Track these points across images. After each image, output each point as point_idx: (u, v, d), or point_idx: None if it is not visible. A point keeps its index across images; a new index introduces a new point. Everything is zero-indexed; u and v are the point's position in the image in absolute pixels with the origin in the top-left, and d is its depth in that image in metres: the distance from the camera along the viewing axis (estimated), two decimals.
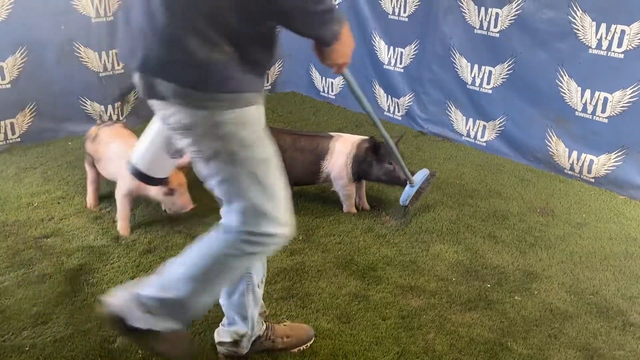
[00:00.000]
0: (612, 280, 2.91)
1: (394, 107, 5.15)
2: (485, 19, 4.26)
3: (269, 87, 5.96)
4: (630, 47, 3.58)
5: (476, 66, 4.43)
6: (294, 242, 3.15)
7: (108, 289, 2.69)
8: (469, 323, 2.56)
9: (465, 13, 4.36)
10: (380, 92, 5.23)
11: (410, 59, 4.88)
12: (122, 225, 3.20)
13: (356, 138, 3.44)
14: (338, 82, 5.56)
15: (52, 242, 3.08)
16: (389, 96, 5.16)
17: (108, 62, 4.65)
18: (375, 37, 5.07)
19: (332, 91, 5.66)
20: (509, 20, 4.12)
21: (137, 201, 3.37)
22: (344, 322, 2.53)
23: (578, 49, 3.82)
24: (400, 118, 5.13)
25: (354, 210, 3.49)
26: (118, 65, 4.71)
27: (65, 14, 4.31)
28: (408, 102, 5.02)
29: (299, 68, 5.90)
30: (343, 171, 3.35)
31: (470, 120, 4.61)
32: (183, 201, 3.07)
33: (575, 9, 3.76)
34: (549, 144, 4.17)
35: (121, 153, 3.09)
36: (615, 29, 3.61)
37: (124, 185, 3.12)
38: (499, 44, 4.23)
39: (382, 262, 3.00)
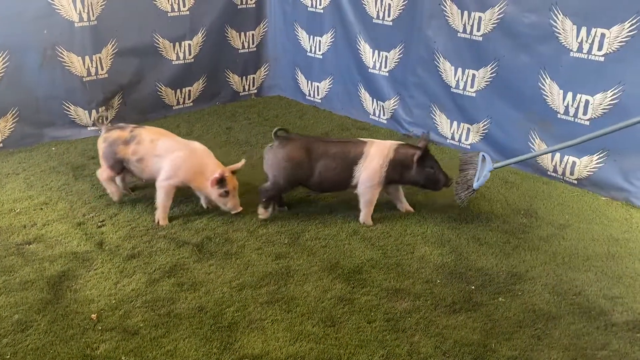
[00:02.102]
0: (595, 280, 2.94)
1: (380, 111, 5.17)
2: (468, 23, 4.29)
3: (255, 91, 5.96)
4: (610, 50, 3.63)
5: (460, 70, 4.46)
6: (279, 245, 3.15)
7: (91, 295, 2.68)
8: (453, 325, 2.57)
9: (449, 17, 4.40)
10: (365, 96, 5.24)
11: (395, 62, 4.90)
12: (161, 215, 3.33)
13: (392, 142, 3.41)
14: (324, 86, 5.57)
15: (34, 248, 3.04)
16: (374, 100, 5.18)
17: (92, 66, 4.62)
18: (360, 41, 5.09)
19: (318, 95, 5.67)
20: (492, 24, 4.16)
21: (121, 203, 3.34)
22: (329, 326, 2.53)
23: (559, 52, 3.86)
24: (385, 121, 5.15)
25: (370, 221, 3.42)
26: (102, 69, 4.68)
27: (47, 17, 4.28)
28: (393, 106, 5.04)
29: (285, 72, 5.90)
30: (375, 173, 3.31)
31: (455, 123, 4.64)
32: (234, 203, 3.33)
33: (556, 12, 3.81)
34: (532, 146, 4.20)
35: (169, 148, 3.29)
36: (596, 32, 3.66)
37: (175, 175, 3.25)
38: (482, 48, 4.27)
39: (367, 265, 3.00)
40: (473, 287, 2.85)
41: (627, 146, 3.72)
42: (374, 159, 3.32)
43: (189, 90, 5.39)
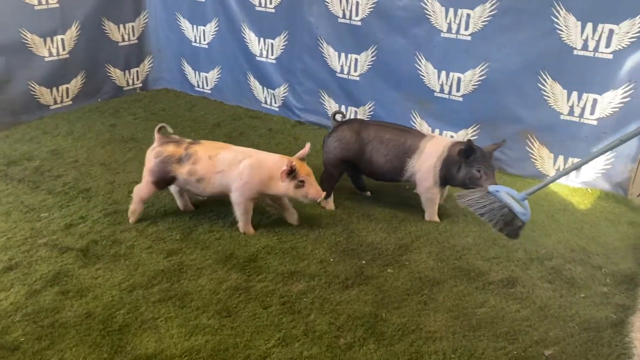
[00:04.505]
0: (473, 245, 3.17)
1: (271, 99, 5.18)
2: (347, 9, 4.41)
3: (140, 84, 5.73)
4: (476, 29, 3.90)
5: (343, 55, 4.58)
6: (170, 242, 3.09)
7: None
8: (347, 300, 2.67)
9: (328, 3, 4.48)
10: (255, 84, 5.23)
11: (281, 50, 4.92)
12: (247, 228, 3.22)
13: (448, 140, 3.31)
14: (212, 76, 5.48)
15: None
16: (265, 88, 5.18)
17: None
18: (245, 29, 5.05)
19: (207, 85, 5.57)
20: (369, 8, 4.30)
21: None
22: (224, 317, 2.53)
23: (432, 33, 4.08)
24: (277, 109, 5.17)
25: (436, 218, 3.38)
26: None
27: None
28: (283, 93, 5.07)
29: (170, 64, 5.73)
30: (430, 173, 3.25)
31: (343, 107, 4.77)
32: (315, 190, 3.09)
33: None
34: (414, 125, 4.42)
35: (232, 161, 3.09)
36: (462, 13, 3.91)
37: (247, 188, 3.08)
38: (361, 32, 4.40)
39: (263, 252, 3.03)
40: (364, 262, 2.97)
41: (496, 118, 4.03)
42: (428, 158, 3.24)
43: (67, 88, 5.07)
